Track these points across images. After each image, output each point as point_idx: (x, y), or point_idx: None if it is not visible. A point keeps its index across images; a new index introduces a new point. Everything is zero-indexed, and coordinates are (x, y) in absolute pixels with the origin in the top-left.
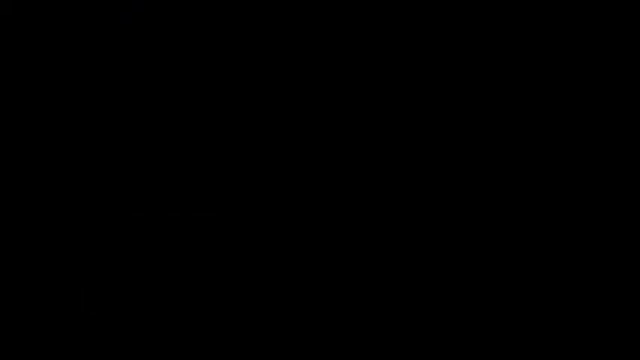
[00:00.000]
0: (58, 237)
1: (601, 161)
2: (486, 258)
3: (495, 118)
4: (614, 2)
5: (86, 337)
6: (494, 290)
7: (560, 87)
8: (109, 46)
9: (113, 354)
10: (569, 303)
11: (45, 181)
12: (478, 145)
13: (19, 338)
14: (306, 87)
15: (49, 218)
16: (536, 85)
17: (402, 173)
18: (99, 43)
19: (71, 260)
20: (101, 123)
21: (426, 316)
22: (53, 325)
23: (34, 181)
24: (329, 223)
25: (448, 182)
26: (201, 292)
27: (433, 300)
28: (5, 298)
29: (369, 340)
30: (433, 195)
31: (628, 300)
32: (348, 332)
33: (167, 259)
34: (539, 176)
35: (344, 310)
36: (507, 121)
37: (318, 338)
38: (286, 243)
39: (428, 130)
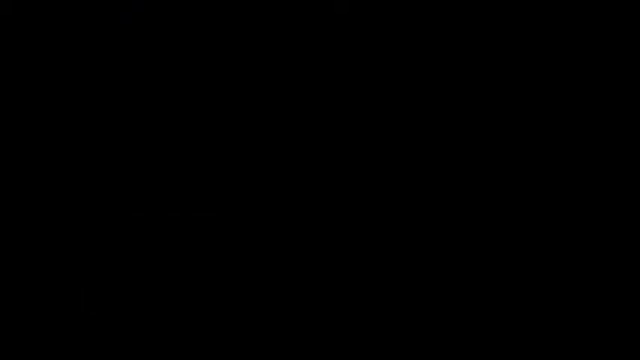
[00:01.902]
0: (59, 237)
1: (601, 161)
2: (486, 258)
3: (495, 119)
4: (614, 2)
5: (86, 337)
6: (494, 290)
7: (560, 87)
8: (109, 46)
9: (113, 354)
10: (570, 303)
11: (45, 181)
12: (477, 145)
13: (19, 338)
14: (306, 88)
15: (50, 218)
16: (536, 85)
17: (401, 174)
18: (99, 43)
19: (71, 260)
20: (101, 123)
21: (426, 316)
22: (53, 325)
23: (34, 182)
24: (328, 223)
25: (447, 182)
26: (201, 292)
27: (433, 300)
28: (5, 298)
29: (369, 340)
30: (432, 195)
31: (628, 300)
32: (348, 332)
33: (167, 259)
34: (538, 176)
35: (344, 310)
36: (507, 121)
37: (318, 338)
38: (286, 243)
39: (427, 131)
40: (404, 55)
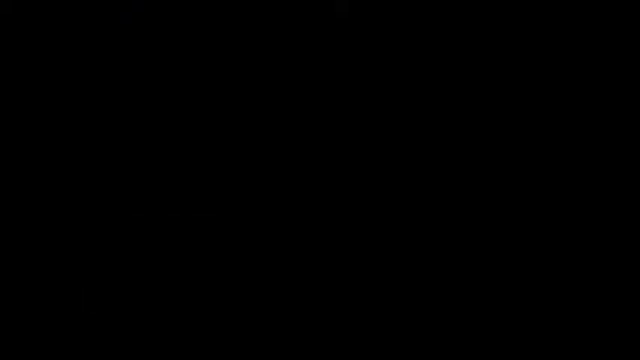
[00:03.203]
0: (59, 237)
1: (601, 161)
2: (486, 258)
3: (495, 118)
4: (614, 2)
5: (86, 337)
6: (494, 290)
7: (560, 87)
8: (109, 46)
9: (113, 354)
10: (570, 303)
11: (45, 181)
12: (477, 145)
13: (20, 338)
14: (306, 87)
15: (50, 218)
16: (536, 85)
17: (400, 173)
18: (99, 43)
19: (71, 260)
20: (101, 123)
21: (425, 316)
22: (53, 325)
23: (35, 182)
24: (328, 223)
25: (447, 182)
26: (201, 292)
27: (432, 300)
28: (6, 298)
29: (368, 340)
30: (431, 195)
31: (628, 300)
32: (347, 332)
33: (167, 259)
34: (538, 176)
35: (343, 310)
36: (507, 120)
37: (318, 338)
38: (286, 243)
39: (426, 130)
40: (403, 54)
